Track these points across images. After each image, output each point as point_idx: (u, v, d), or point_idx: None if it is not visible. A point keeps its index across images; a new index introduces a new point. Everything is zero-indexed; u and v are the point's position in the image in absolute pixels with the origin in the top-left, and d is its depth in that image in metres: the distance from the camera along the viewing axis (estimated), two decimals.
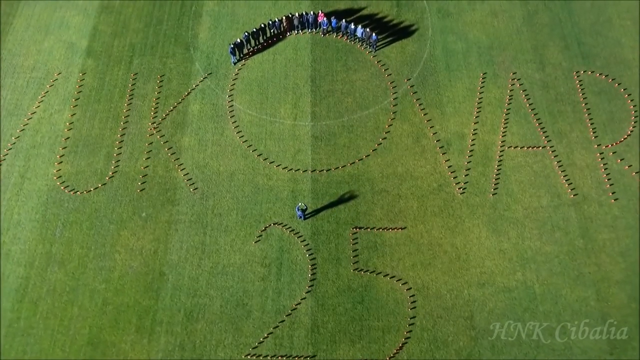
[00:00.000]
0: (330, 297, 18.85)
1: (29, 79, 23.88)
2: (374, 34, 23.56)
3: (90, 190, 21.12)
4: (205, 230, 20.28)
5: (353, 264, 19.50)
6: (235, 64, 24.18)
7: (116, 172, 21.57)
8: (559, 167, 21.57)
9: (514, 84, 23.76)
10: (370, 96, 23.50)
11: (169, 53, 24.78)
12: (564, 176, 21.34)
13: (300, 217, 20.09)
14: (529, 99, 23.33)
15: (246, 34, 23.57)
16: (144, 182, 21.34)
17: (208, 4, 26.35)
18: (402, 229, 20.30)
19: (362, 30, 23.80)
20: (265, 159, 21.94)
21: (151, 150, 22.13)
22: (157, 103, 23.34)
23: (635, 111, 22.78)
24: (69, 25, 25.56)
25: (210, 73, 24.18)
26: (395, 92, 23.58)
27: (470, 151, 22.07)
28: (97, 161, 21.82)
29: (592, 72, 23.98)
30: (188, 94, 23.60)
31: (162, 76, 24.07)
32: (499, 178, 21.40)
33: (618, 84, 23.55)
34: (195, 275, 19.32)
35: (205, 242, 20.01)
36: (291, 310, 18.48)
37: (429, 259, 19.66)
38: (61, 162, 21.71)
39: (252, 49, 24.55)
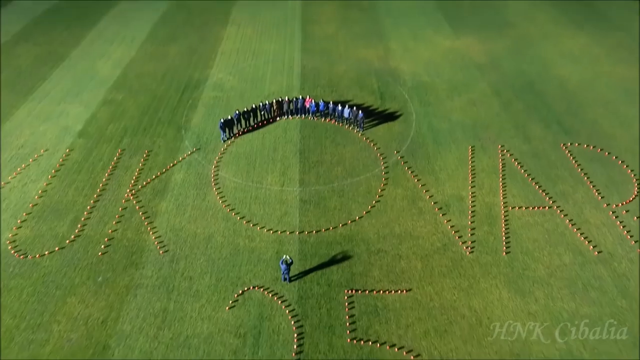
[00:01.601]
0: None
1: (15, 154, 23.50)
2: (360, 112, 24.49)
3: (44, 254, 18.33)
4: (170, 295, 16.82)
5: (349, 332, 15.56)
6: (224, 141, 24.32)
7: (79, 236, 19.16)
8: (572, 225, 19.57)
9: (504, 154, 23.58)
10: (360, 165, 22.94)
11: (160, 133, 25.16)
12: (581, 234, 19.16)
13: (285, 275, 16.98)
14: (522, 166, 22.82)
15: (237, 112, 24.42)
16: (108, 246, 18.73)
17: (204, 97, 28.15)
18: (407, 290, 16.99)
19: (349, 110, 24.84)
20: (248, 222, 19.88)
21: (124, 215, 20.18)
22: (140, 173, 22.45)
23: (635, 174, 22.06)
24: (68, 114, 26.61)
25: (199, 148, 24.07)
26: (385, 162, 23.12)
27: (472, 212, 20.32)
28: (61, 225, 19.61)
29: (579, 144, 24.18)
30: (173, 165, 22.96)
31: (150, 152, 23.84)
32: (509, 236, 19.12)
33: (608, 153, 23.46)
34: (148, 349, 15.08)
35: (168, 309, 16.33)
36: None
37: (445, 325, 15.84)
38: (20, 227, 19.48)
39: (242, 129, 25.10)
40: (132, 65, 31.70)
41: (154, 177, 22.22)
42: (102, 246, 18.69)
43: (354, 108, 24.76)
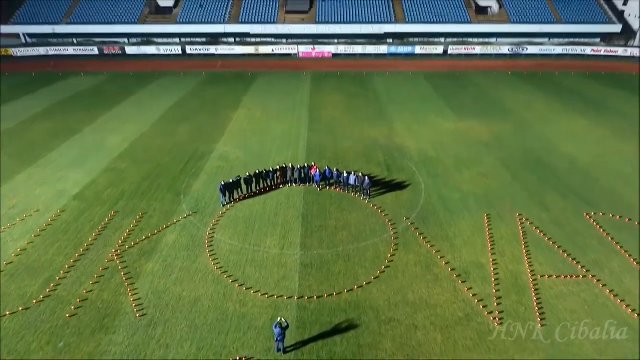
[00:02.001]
0: None
1: (4, 214, 22.32)
2: (367, 178, 23.57)
3: (5, 315, 15.89)
4: None
5: None
6: (224, 205, 23.11)
7: (49, 296, 16.87)
8: (614, 295, 16.95)
9: (523, 222, 21.83)
10: (368, 231, 21.19)
11: (158, 197, 24.12)
12: (627, 306, 16.45)
13: (280, 342, 14.19)
14: (545, 234, 20.90)
15: (238, 176, 23.65)
16: (79, 307, 16.32)
17: (208, 167, 27.73)
18: None
19: (354, 177, 23.97)
20: (241, 285, 17.57)
21: (103, 275, 18.07)
22: (130, 234, 20.84)
23: None
24: (67, 180, 26.05)
25: (196, 212, 22.74)
26: (394, 228, 21.39)
27: (495, 279, 17.91)
28: (31, 285, 17.45)
29: (604, 213, 22.51)
30: (167, 227, 21.42)
31: (144, 214, 22.53)
32: (542, 307, 16.43)
33: (637, 223, 21.64)
34: None
35: None
36: None
37: None
38: None
39: (243, 194, 24.06)
40: (141, 139, 32.21)
41: (144, 238, 20.56)
42: (73, 307, 16.29)
43: (361, 175, 23.93)
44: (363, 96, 43.09)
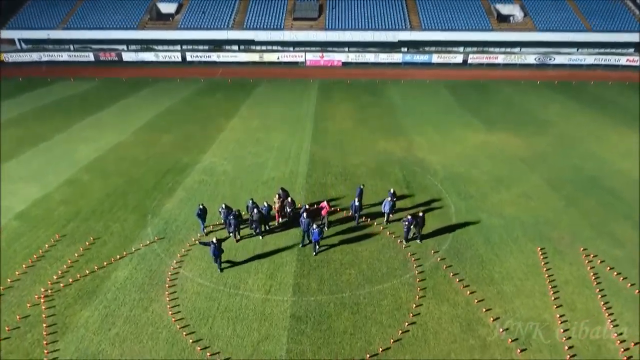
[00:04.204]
0: None
1: None
2: (391, 192, 18.21)
3: None
4: None
5: None
6: (206, 235, 18.01)
7: None
8: None
9: (591, 260, 16.41)
10: (384, 268, 15.95)
11: (119, 218, 19.27)
12: None
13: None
14: (626, 278, 15.44)
15: (223, 207, 17.70)
16: None
17: (188, 182, 22.88)
18: None
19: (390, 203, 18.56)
20: (205, 349, 12.38)
21: (19, 328, 13.07)
22: (71, 267, 15.92)
23: None
24: (16, 194, 21.41)
25: (162, 238, 17.78)
26: (420, 265, 16.13)
27: (569, 348, 12.47)
28: None
29: None
30: (121, 257, 16.46)
31: (96, 239, 17.65)
32: None
33: None
34: None
35: None
36: None
37: None
38: None
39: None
40: (116, 149, 27.63)
41: (87, 272, 15.60)
42: None
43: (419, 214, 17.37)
44: (376, 106, 38.24)
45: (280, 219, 18.81)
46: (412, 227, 17.02)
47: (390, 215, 18.87)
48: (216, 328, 13.09)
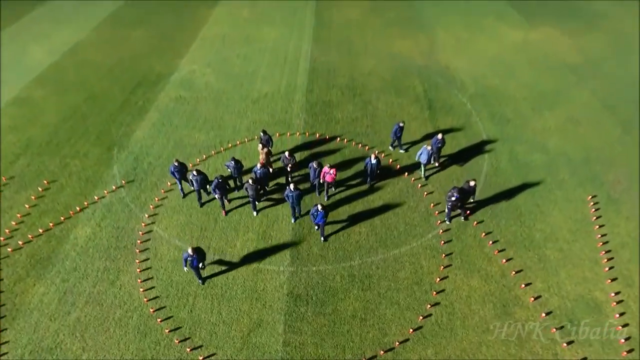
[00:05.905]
0: None
1: None
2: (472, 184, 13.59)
3: None
4: None
5: None
6: (184, 196, 14.65)
7: None
8: None
9: None
10: (402, 225, 13.12)
11: (79, 152, 15.88)
12: None
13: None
14: None
15: (218, 178, 13.42)
16: None
17: (162, 98, 18.83)
18: None
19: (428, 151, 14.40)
20: (184, 340, 10.25)
21: None
22: (21, 222, 13.15)
23: None
24: None
25: (132, 180, 14.67)
26: (444, 221, 13.29)
27: (626, 341, 10.29)
28: None
29: None
30: (81, 210, 13.60)
31: (52, 182, 14.56)
32: None
33: None
34: None
35: None
36: None
37: None
38: None
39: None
40: (75, 50, 22.70)
41: (40, 231, 12.87)
42: None
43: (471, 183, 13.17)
44: None
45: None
46: (458, 204, 12.87)
47: (432, 163, 15.01)
48: (197, 311, 10.80)
